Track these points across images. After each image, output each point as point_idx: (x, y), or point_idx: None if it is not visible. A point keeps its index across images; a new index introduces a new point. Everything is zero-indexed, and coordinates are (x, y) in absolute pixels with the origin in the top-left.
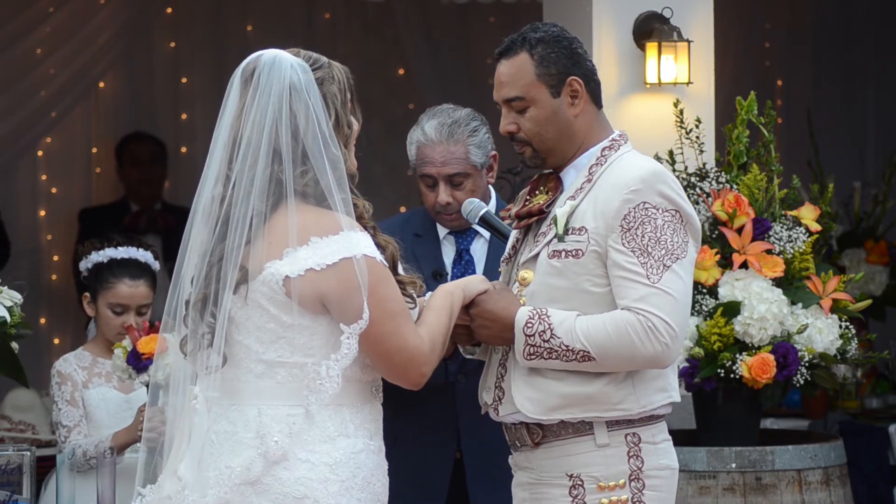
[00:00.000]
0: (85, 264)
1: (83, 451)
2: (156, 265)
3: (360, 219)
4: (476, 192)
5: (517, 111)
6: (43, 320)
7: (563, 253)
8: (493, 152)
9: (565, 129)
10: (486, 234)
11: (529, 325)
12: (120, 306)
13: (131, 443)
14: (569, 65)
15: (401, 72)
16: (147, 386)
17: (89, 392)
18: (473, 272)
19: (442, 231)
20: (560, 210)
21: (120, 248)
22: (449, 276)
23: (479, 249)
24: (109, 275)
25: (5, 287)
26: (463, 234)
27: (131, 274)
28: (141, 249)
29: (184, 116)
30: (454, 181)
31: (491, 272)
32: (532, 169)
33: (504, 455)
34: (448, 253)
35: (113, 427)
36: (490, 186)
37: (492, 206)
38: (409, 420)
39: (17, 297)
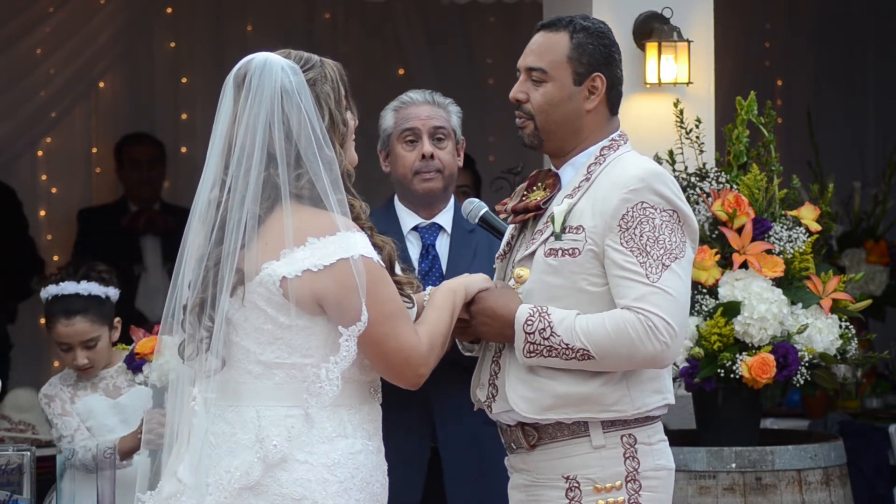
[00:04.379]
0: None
1: (92, 455)
2: (105, 292)
3: (356, 219)
4: (455, 157)
5: (533, 82)
6: (43, 320)
7: (560, 251)
8: (463, 137)
9: (573, 118)
10: (449, 229)
11: (529, 322)
12: (61, 344)
13: (136, 448)
14: (601, 62)
15: (401, 72)
16: (144, 385)
17: (77, 406)
18: (440, 267)
19: (406, 227)
20: (557, 208)
21: (62, 284)
22: (416, 272)
23: (443, 245)
24: (50, 313)
25: None
26: (427, 229)
27: (66, 312)
28: (84, 282)
29: (184, 116)
30: (437, 136)
31: (454, 267)
32: (535, 167)
33: (479, 446)
34: (413, 249)
35: (103, 432)
36: (460, 169)
37: (450, 207)
38: (383, 415)
39: None
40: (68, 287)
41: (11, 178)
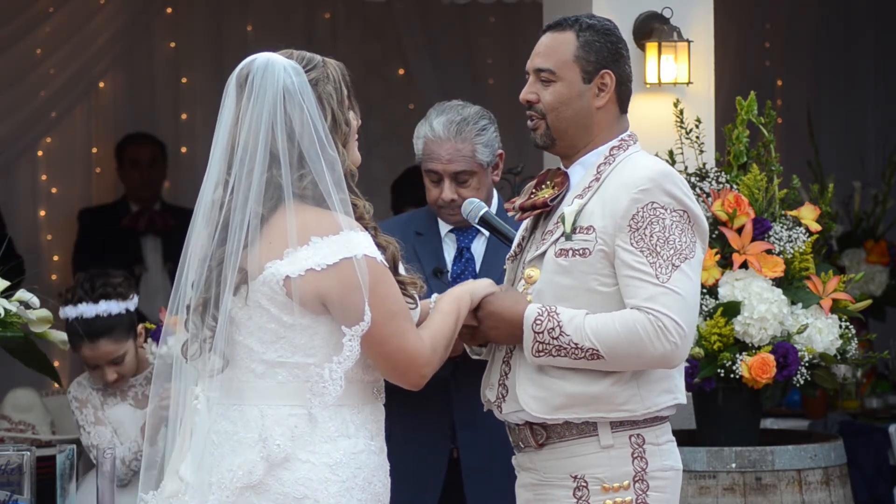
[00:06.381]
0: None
1: (126, 462)
2: (125, 306)
3: (360, 219)
4: (481, 190)
5: (542, 83)
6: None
7: (571, 252)
8: (500, 151)
9: (583, 115)
10: (487, 232)
11: (538, 322)
12: (89, 364)
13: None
14: (609, 59)
15: (401, 72)
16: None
17: (106, 413)
18: (473, 270)
19: (443, 229)
20: (568, 209)
21: (80, 306)
22: (449, 274)
23: (478, 248)
24: (75, 335)
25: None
26: (463, 232)
27: (90, 335)
28: (102, 302)
29: (184, 116)
30: (459, 178)
31: (488, 270)
32: (535, 168)
33: (500, 452)
34: (449, 251)
35: (129, 442)
36: (493, 188)
37: (494, 205)
38: (404, 417)
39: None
40: (87, 310)
41: (11, 178)
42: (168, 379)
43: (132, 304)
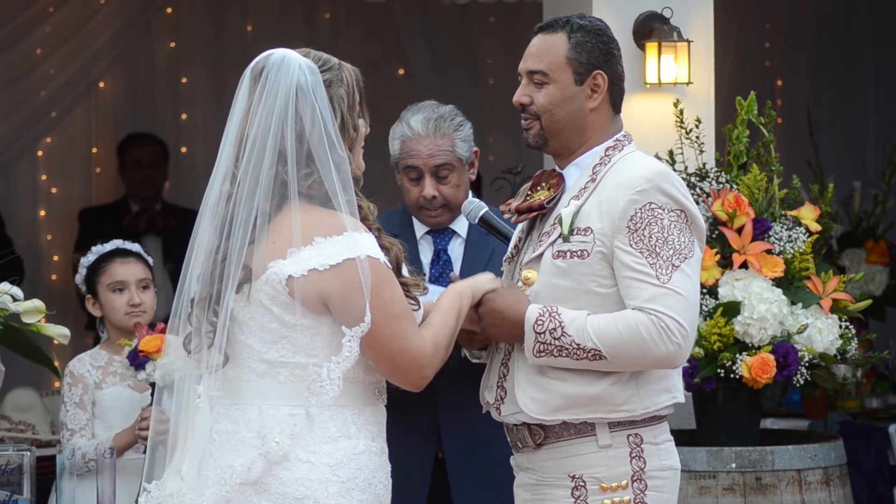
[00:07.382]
0: (80, 273)
1: (83, 454)
2: (146, 256)
3: (364, 220)
4: (460, 187)
5: (535, 85)
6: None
7: (569, 253)
8: (475, 148)
9: (576, 117)
10: (463, 234)
11: (540, 322)
12: (117, 283)
13: (132, 443)
14: (600, 59)
15: (401, 72)
16: (151, 384)
17: (103, 392)
18: (451, 272)
19: (419, 231)
20: (565, 210)
21: (106, 245)
22: (427, 277)
23: (456, 249)
24: (101, 262)
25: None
26: (440, 234)
27: (121, 254)
28: (127, 242)
29: (184, 116)
30: (440, 173)
31: (466, 273)
32: (535, 168)
33: (486, 453)
34: (426, 253)
35: (127, 426)
36: (469, 187)
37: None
38: (389, 419)
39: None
40: (116, 243)
41: (11, 178)
42: (161, 402)
43: (150, 262)
